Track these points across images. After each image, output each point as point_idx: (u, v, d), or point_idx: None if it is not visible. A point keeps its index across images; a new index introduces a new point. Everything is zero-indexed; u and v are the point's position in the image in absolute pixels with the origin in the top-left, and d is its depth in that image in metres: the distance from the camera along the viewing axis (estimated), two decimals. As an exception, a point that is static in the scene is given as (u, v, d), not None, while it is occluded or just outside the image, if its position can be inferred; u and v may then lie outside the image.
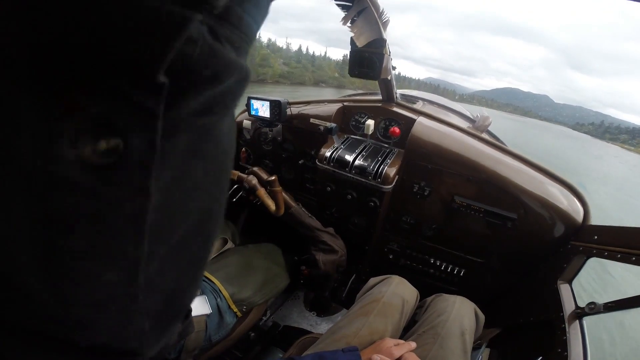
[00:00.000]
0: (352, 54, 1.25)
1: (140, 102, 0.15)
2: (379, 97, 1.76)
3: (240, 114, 2.15)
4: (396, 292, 1.16)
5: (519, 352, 1.25)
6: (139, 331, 0.22)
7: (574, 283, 1.21)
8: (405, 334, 1.12)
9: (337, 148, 1.65)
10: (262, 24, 0.22)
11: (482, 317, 1.17)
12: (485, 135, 1.64)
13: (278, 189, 1.39)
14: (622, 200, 14.77)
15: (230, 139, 0.27)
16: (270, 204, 1.37)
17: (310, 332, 1.48)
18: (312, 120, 1.78)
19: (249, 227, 2.33)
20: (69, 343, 0.19)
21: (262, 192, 1.35)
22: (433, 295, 1.23)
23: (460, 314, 1.08)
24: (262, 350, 1.55)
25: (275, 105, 1.76)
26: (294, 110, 1.85)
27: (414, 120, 1.59)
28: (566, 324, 1.04)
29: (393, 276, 1.26)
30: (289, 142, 1.99)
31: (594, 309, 1.01)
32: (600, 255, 1.12)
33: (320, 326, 1.90)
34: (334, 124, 1.64)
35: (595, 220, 1.29)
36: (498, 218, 1.40)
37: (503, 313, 1.51)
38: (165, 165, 0.18)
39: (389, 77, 1.42)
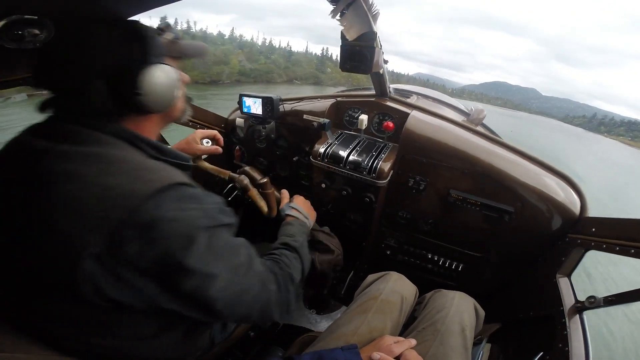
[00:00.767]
0: (342, 48, 1.23)
1: None
2: (373, 92, 1.74)
3: (233, 112, 2.12)
4: (395, 288, 1.15)
5: (520, 347, 1.24)
6: None
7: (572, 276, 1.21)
8: (404, 330, 1.11)
9: (331, 144, 1.63)
10: None
11: (482, 312, 1.16)
12: (480, 129, 1.62)
13: (270, 191, 1.37)
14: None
15: None
16: (263, 205, 1.34)
17: (310, 330, 1.47)
18: (305, 116, 1.75)
19: (244, 227, 2.31)
20: None
21: (254, 192, 1.32)
22: (432, 291, 1.22)
23: (459, 309, 1.07)
24: (262, 350, 1.54)
25: (268, 102, 1.73)
26: (287, 106, 1.82)
27: (407, 115, 1.57)
28: (566, 319, 1.03)
29: (391, 272, 1.25)
30: (283, 139, 1.96)
31: (593, 302, 1.00)
32: (599, 247, 1.11)
33: (320, 324, 1.90)
34: (327, 120, 1.61)
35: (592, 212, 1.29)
36: (495, 211, 1.39)
37: (503, 308, 1.50)
38: None
39: (381, 71, 1.40)
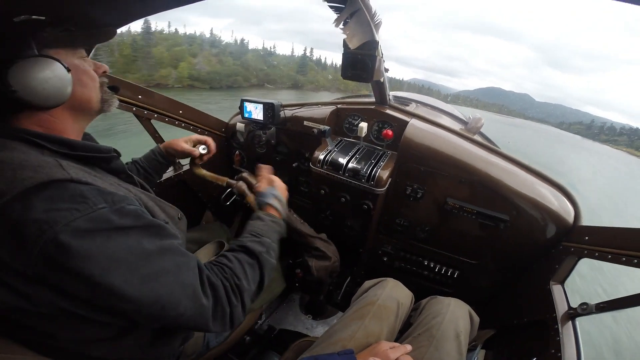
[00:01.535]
0: (344, 56, 1.25)
1: None
2: (373, 100, 1.76)
3: (233, 116, 2.14)
4: (391, 294, 1.15)
5: (513, 353, 1.25)
6: None
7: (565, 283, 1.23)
8: (400, 336, 1.12)
9: (330, 151, 1.65)
10: None
11: (476, 318, 1.17)
12: (477, 137, 1.65)
13: None
14: None
15: None
16: None
17: (306, 336, 1.46)
18: (305, 122, 1.77)
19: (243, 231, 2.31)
20: None
21: (251, 198, 1.33)
22: (428, 298, 1.23)
23: (455, 315, 1.08)
24: (258, 354, 1.53)
25: (269, 108, 1.75)
26: (287, 112, 1.84)
27: (406, 123, 1.60)
28: (559, 325, 1.05)
29: (388, 279, 1.26)
30: (283, 144, 1.98)
31: (586, 309, 1.02)
32: (591, 255, 1.13)
33: (316, 329, 1.89)
34: (327, 127, 1.63)
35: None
36: (490, 219, 1.40)
37: (497, 314, 1.51)
38: None
39: (382, 79, 1.42)
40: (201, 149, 1.31)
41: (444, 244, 1.66)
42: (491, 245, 1.50)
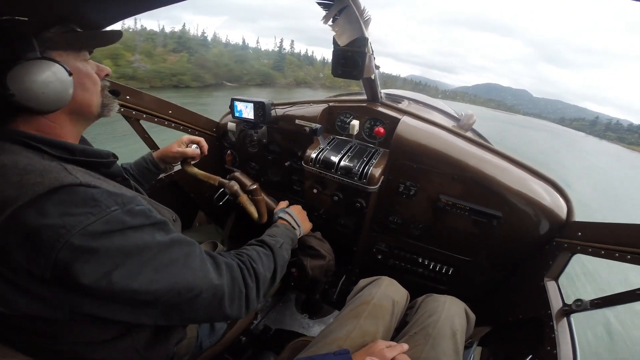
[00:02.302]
0: (334, 53, 1.23)
1: None
2: (364, 97, 1.75)
3: (224, 116, 2.11)
4: (386, 293, 1.15)
5: (509, 350, 1.26)
6: None
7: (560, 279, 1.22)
8: (396, 335, 1.12)
9: (322, 149, 1.64)
10: None
11: (472, 316, 1.18)
12: (469, 134, 1.65)
13: (260, 197, 1.36)
14: None
15: None
16: (253, 211, 1.33)
17: (302, 335, 1.46)
18: (297, 121, 1.75)
19: (237, 231, 2.30)
20: None
21: (244, 198, 1.31)
22: (423, 296, 1.23)
23: (450, 314, 1.08)
24: (254, 355, 1.52)
25: (259, 107, 1.73)
26: (279, 111, 1.82)
27: (398, 120, 1.59)
28: (554, 322, 1.05)
29: (383, 277, 1.25)
30: (275, 143, 1.96)
31: (580, 306, 1.03)
32: (585, 251, 1.13)
33: (313, 328, 1.88)
34: (319, 125, 1.62)
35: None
36: (483, 216, 1.41)
37: (493, 311, 1.52)
38: None
39: (373, 77, 1.41)
40: (194, 148, 1.30)
41: (438, 241, 1.66)
42: (485, 241, 1.51)
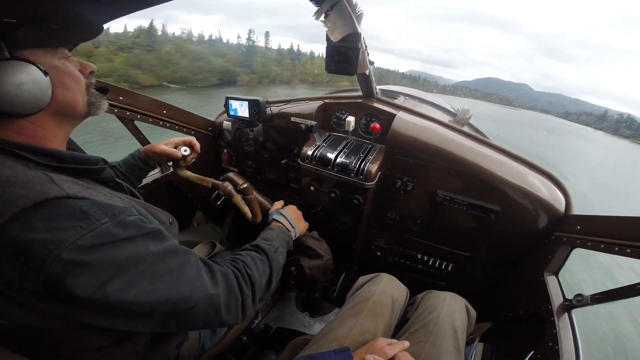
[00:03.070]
0: (327, 49, 1.22)
1: None
2: (360, 93, 1.74)
3: (220, 115, 2.10)
4: (386, 290, 1.15)
5: (511, 345, 1.25)
6: None
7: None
8: (397, 332, 1.11)
9: (319, 146, 1.63)
10: None
11: (473, 312, 1.17)
12: (466, 129, 1.64)
13: (252, 196, 1.35)
14: None
15: None
16: (247, 212, 1.32)
17: (303, 334, 1.46)
18: (293, 118, 1.74)
19: (235, 231, 2.29)
20: None
21: (238, 199, 1.30)
22: (424, 292, 1.22)
23: (451, 310, 1.08)
24: (256, 354, 1.52)
25: (254, 105, 1.72)
26: (274, 109, 1.81)
27: (394, 116, 1.58)
28: (555, 317, 1.04)
29: (382, 274, 1.25)
30: (271, 141, 1.95)
31: (581, 301, 1.02)
32: (584, 245, 1.12)
33: (314, 327, 1.88)
34: (314, 122, 1.61)
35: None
36: (481, 210, 1.40)
37: (494, 307, 1.51)
38: None
39: (367, 72, 1.40)
40: (183, 150, 1.26)
41: (436, 236, 1.65)
42: (484, 236, 1.50)
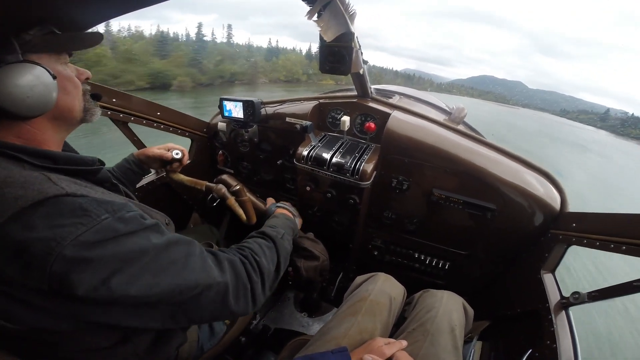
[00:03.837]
0: (321, 49, 1.22)
1: None
2: (355, 93, 1.74)
3: (214, 116, 2.09)
4: (383, 289, 1.15)
5: (510, 344, 1.25)
6: None
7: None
8: (395, 331, 1.11)
9: (314, 146, 1.63)
10: None
11: (470, 311, 1.17)
12: (461, 127, 1.65)
13: (245, 198, 1.34)
14: None
15: None
16: (241, 214, 1.32)
17: (301, 334, 1.45)
18: (287, 119, 1.74)
19: (232, 232, 2.28)
20: None
21: (232, 201, 1.30)
22: (421, 291, 1.22)
23: (448, 309, 1.08)
24: (254, 355, 1.52)
25: (249, 106, 1.71)
26: (269, 110, 1.80)
27: (388, 115, 1.58)
28: (552, 315, 1.05)
29: (379, 273, 1.25)
30: (266, 142, 1.94)
31: (578, 298, 1.02)
32: (580, 243, 1.12)
33: (312, 327, 1.88)
34: (309, 122, 1.60)
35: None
36: (477, 209, 1.40)
37: (491, 305, 1.52)
38: None
39: (361, 71, 1.40)
40: (174, 154, 1.27)
41: (433, 235, 1.66)
42: (480, 235, 1.51)
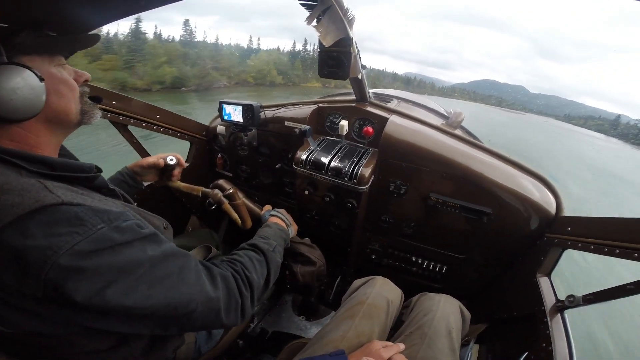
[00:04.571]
0: (320, 54, 1.23)
1: None
2: (353, 97, 1.75)
3: (214, 119, 2.10)
4: (380, 292, 1.15)
5: (506, 347, 1.26)
6: None
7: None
8: (393, 334, 1.12)
9: (312, 150, 1.64)
10: None
11: (467, 314, 1.18)
12: (458, 132, 1.66)
13: (239, 202, 1.34)
14: None
15: None
16: (236, 218, 1.32)
17: (299, 337, 1.45)
18: (287, 123, 1.75)
19: (230, 235, 2.28)
20: None
21: (227, 206, 1.30)
22: (418, 295, 1.23)
23: (445, 312, 1.09)
24: (252, 358, 1.51)
25: (248, 109, 1.72)
26: (268, 113, 1.82)
27: (386, 119, 1.59)
28: (548, 318, 1.05)
29: (377, 277, 1.25)
30: (265, 146, 1.95)
31: (573, 301, 1.03)
32: (575, 247, 1.14)
33: (310, 330, 1.87)
34: (308, 127, 1.62)
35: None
36: (474, 213, 1.41)
37: (488, 308, 1.52)
38: None
39: (360, 76, 1.41)
40: (168, 159, 1.26)
41: (430, 239, 1.66)
42: (477, 238, 1.52)
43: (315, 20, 1.01)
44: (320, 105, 1.79)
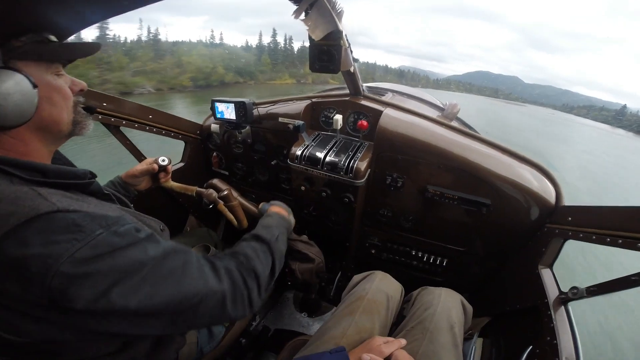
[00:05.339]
0: (310, 48, 1.21)
1: None
2: (347, 92, 1.73)
3: (207, 118, 2.08)
4: (380, 287, 1.14)
5: (510, 340, 1.25)
6: None
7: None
8: (394, 329, 1.11)
9: (307, 146, 1.62)
10: None
11: (469, 307, 1.16)
12: (454, 123, 1.64)
13: (234, 202, 1.33)
14: None
15: None
16: (232, 219, 1.31)
17: (302, 334, 1.45)
18: (280, 119, 1.73)
19: (229, 234, 2.28)
20: None
21: (222, 206, 1.29)
22: (419, 289, 1.22)
23: (447, 306, 1.07)
24: (254, 356, 1.51)
25: (241, 107, 1.70)
26: (261, 110, 1.79)
27: (381, 112, 1.57)
28: (552, 311, 1.03)
29: (376, 272, 1.24)
30: (260, 143, 1.93)
31: (577, 294, 1.00)
32: (576, 237, 1.11)
33: (313, 326, 1.88)
34: (301, 122, 1.60)
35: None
36: (472, 204, 1.40)
37: (490, 301, 1.51)
38: None
39: (352, 69, 1.39)
40: (161, 160, 1.24)
41: (430, 232, 1.65)
42: (477, 230, 1.50)
43: (304, 13, 0.99)
44: (313, 100, 1.77)
